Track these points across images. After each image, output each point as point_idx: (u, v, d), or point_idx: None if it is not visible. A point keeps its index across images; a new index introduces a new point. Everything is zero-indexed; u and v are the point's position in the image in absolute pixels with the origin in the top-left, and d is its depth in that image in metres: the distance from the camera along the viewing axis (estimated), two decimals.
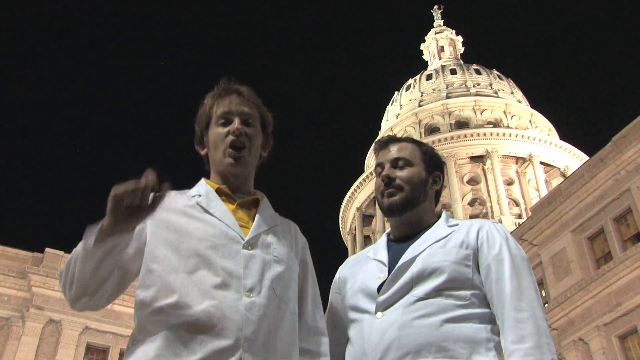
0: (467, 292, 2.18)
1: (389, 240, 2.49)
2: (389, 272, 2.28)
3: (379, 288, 2.25)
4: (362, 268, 2.42)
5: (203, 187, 2.28)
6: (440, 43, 69.00)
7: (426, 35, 70.82)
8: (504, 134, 53.64)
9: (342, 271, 2.55)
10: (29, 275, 26.96)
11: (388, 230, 2.60)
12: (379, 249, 2.45)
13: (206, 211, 2.17)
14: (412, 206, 2.41)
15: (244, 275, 2.05)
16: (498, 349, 2.12)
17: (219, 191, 2.26)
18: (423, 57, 70.36)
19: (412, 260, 2.26)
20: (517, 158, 53.37)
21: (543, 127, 59.42)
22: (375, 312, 2.21)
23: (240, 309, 1.98)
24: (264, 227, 2.22)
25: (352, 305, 2.34)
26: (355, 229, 56.23)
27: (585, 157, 48.02)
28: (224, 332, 1.93)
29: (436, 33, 69.91)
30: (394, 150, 2.51)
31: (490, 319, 2.18)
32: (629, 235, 24.71)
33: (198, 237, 2.09)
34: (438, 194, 2.54)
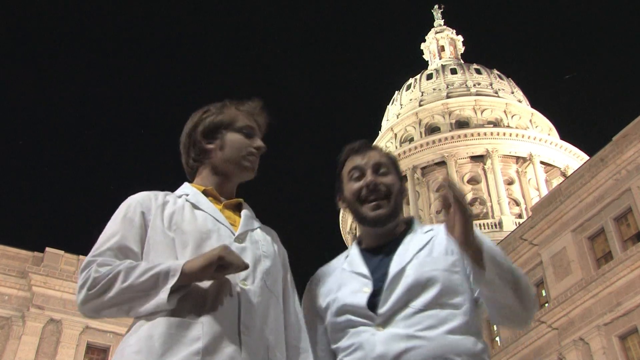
0: (461, 299, 2.19)
1: (361, 250, 2.41)
2: (374, 285, 2.24)
3: (370, 301, 2.20)
4: (340, 282, 2.33)
5: (190, 189, 2.34)
6: (441, 43, 68.99)
7: (426, 34, 70.85)
8: (504, 134, 53.63)
9: (313, 286, 2.46)
10: (30, 275, 26.97)
11: (357, 239, 2.51)
12: (355, 260, 2.37)
13: (196, 207, 2.24)
14: (395, 217, 2.36)
15: None
16: (489, 355, 2.21)
17: (205, 193, 2.33)
18: (423, 56, 70.38)
19: (401, 271, 2.22)
20: (518, 158, 53.37)
21: (543, 126, 59.40)
22: (375, 325, 2.16)
23: (237, 295, 2.04)
24: (252, 225, 2.30)
25: (339, 321, 2.27)
26: (356, 229, 56.18)
27: (586, 157, 48.00)
28: (222, 317, 1.98)
29: (436, 33, 69.90)
30: (373, 155, 2.43)
31: (480, 325, 2.25)
32: (629, 235, 24.71)
33: (191, 230, 2.14)
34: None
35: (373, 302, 2.20)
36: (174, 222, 2.16)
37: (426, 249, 2.27)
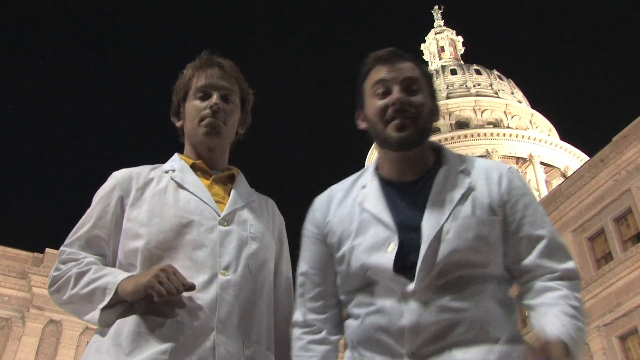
0: (499, 263, 1.87)
1: (381, 181, 2.01)
2: (401, 238, 1.86)
3: (398, 261, 1.84)
4: (358, 226, 1.95)
5: (177, 163, 2.22)
6: (441, 43, 68.97)
7: (426, 35, 70.85)
8: (504, 134, 53.62)
9: (325, 213, 2.07)
10: (30, 276, 26.96)
11: (375, 163, 2.09)
12: (374, 198, 1.97)
13: (181, 186, 2.12)
14: (422, 141, 1.98)
15: (220, 253, 2.00)
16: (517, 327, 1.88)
17: (193, 167, 2.21)
18: (423, 57, 70.33)
19: (439, 232, 1.84)
20: (518, 158, 53.35)
21: (543, 127, 59.40)
22: (403, 290, 1.81)
23: (215, 288, 1.94)
24: (240, 203, 2.16)
25: (357, 277, 1.92)
26: None
27: (586, 158, 48.00)
28: (197, 313, 1.89)
29: (436, 33, 69.89)
30: (404, 68, 2.02)
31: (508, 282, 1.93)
32: (629, 235, 24.69)
33: (172, 214, 2.04)
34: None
35: (400, 261, 1.84)
36: (154, 206, 2.06)
37: (467, 203, 1.89)
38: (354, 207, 2.00)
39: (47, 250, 28.30)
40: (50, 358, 26.08)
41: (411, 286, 1.81)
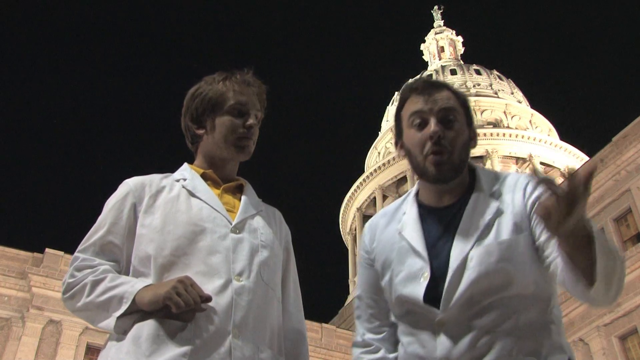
0: (532, 282, 1.86)
1: (419, 208, 2.06)
2: (433, 269, 1.90)
3: (429, 292, 1.89)
4: (397, 254, 2.00)
5: (188, 172, 2.25)
6: (441, 43, 68.97)
7: (426, 35, 70.82)
8: (504, 135, 53.61)
9: (371, 239, 2.15)
10: (29, 276, 26.95)
11: (415, 189, 2.14)
12: (411, 227, 2.01)
13: (193, 195, 2.16)
14: (459, 172, 2.00)
15: (233, 259, 2.04)
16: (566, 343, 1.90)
17: (204, 176, 2.24)
18: (423, 57, 70.38)
19: (464, 260, 1.86)
20: (517, 158, 53.35)
21: (543, 127, 59.42)
22: (436, 322, 1.87)
23: (229, 293, 1.97)
24: (251, 212, 2.21)
25: (398, 306, 1.99)
26: (356, 229, 56.18)
27: (586, 158, 48.06)
28: (213, 317, 1.92)
29: (436, 33, 69.88)
30: (440, 99, 2.04)
31: (554, 302, 1.92)
32: (629, 235, 24.73)
33: (186, 221, 2.07)
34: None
35: (432, 292, 1.88)
36: (167, 213, 2.09)
37: (494, 228, 1.90)
38: (394, 235, 2.06)
39: (47, 250, 28.31)
40: (50, 358, 26.07)
41: (440, 316, 1.86)
